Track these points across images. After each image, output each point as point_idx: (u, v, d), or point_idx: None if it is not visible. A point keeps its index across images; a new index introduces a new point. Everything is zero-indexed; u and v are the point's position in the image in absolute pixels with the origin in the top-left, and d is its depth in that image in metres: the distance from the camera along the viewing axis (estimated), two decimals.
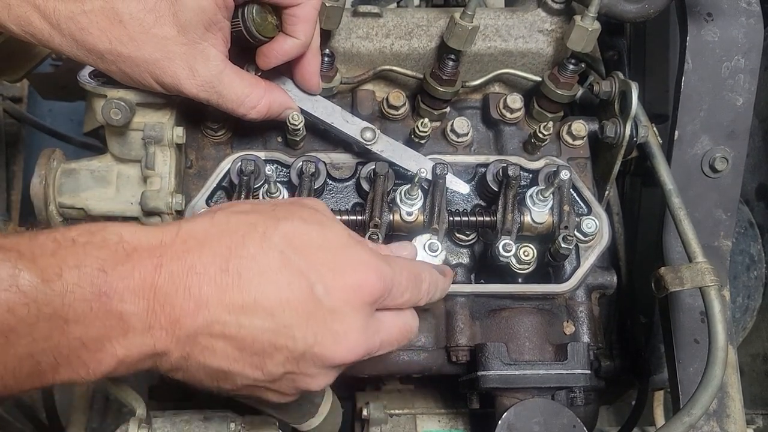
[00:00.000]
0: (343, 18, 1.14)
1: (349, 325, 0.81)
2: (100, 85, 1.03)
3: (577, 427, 1.02)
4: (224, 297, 0.76)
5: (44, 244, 0.74)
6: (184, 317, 0.76)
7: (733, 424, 1.12)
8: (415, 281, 0.89)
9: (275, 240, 0.80)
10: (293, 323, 0.78)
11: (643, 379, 1.28)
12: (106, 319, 0.73)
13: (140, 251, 0.76)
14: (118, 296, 0.73)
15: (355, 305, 0.81)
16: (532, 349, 1.10)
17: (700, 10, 1.16)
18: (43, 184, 1.08)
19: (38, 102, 2.45)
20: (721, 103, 1.17)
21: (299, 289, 0.78)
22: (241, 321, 0.77)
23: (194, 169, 1.15)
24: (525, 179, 1.17)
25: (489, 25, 1.19)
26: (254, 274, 0.77)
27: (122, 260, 0.74)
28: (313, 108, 1.11)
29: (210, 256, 0.77)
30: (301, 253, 0.80)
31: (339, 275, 0.80)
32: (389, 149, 1.11)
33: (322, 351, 0.80)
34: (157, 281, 0.75)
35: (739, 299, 1.47)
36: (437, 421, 1.24)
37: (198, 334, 0.77)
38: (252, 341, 0.78)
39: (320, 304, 0.79)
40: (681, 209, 1.09)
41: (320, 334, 0.79)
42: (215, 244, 0.78)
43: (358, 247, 0.84)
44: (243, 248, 0.78)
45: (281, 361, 0.80)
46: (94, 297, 0.72)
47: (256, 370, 0.81)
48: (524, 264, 1.09)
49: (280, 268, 0.78)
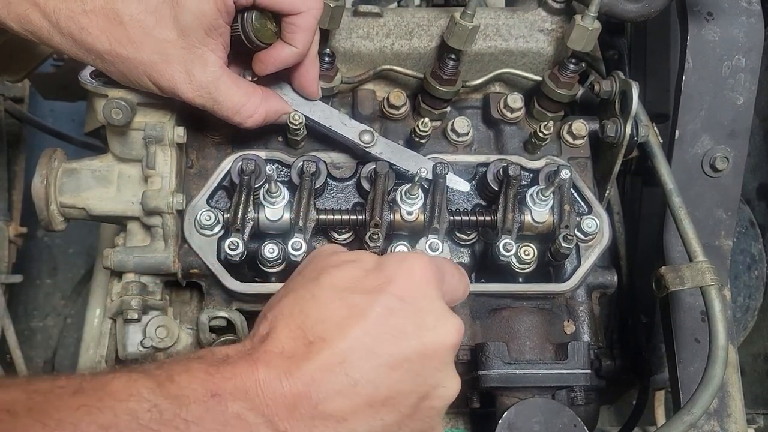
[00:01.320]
0: (344, 18, 1.14)
1: (437, 312, 0.81)
2: (101, 85, 1.04)
3: (577, 426, 1.02)
4: (323, 364, 0.75)
5: (145, 364, 0.74)
6: (298, 400, 0.74)
7: (734, 424, 1.12)
8: (455, 269, 0.91)
9: (329, 296, 0.79)
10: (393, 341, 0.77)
11: (644, 378, 1.28)
12: (225, 421, 0.72)
13: (232, 352, 0.76)
14: (229, 396, 0.72)
15: (428, 294, 0.81)
16: (533, 348, 1.10)
17: (700, 9, 1.16)
18: (45, 184, 1.08)
19: (40, 102, 2.45)
20: (721, 103, 1.17)
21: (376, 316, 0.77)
22: (348, 372, 0.75)
23: (195, 169, 1.15)
24: (525, 179, 1.17)
25: (489, 25, 1.20)
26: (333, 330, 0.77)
27: (221, 363, 0.74)
28: (311, 112, 1.11)
29: (290, 339, 0.77)
30: (354, 290, 0.79)
31: (399, 281, 0.80)
32: (388, 151, 1.11)
33: (433, 345, 0.79)
34: (258, 375, 0.73)
35: (740, 299, 1.47)
36: None
37: (322, 411, 0.74)
38: (372, 380, 0.76)
39: (405, 314, 0.78)
40: (681, 209, 1.09)
41: (422, 335, 0.79)
42: (286, 330, 0.78)
43: (391, 256, 0.86)
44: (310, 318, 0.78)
45: (410, 384, 0.78)
46: (207, 398, 0.71)
47: (393, 409, 0.78)
48: (525, 263, 1.09)
49: (350, 312, 0.78)
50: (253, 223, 1.06)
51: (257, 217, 1.06)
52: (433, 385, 0.80)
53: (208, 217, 1.07)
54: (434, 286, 0.83)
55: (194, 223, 1.08)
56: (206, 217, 1.07)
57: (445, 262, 0.91)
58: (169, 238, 1.08)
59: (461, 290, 0.92)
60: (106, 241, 1.71)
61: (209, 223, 1.07)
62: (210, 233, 1.08)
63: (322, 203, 1.15)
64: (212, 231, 1.08)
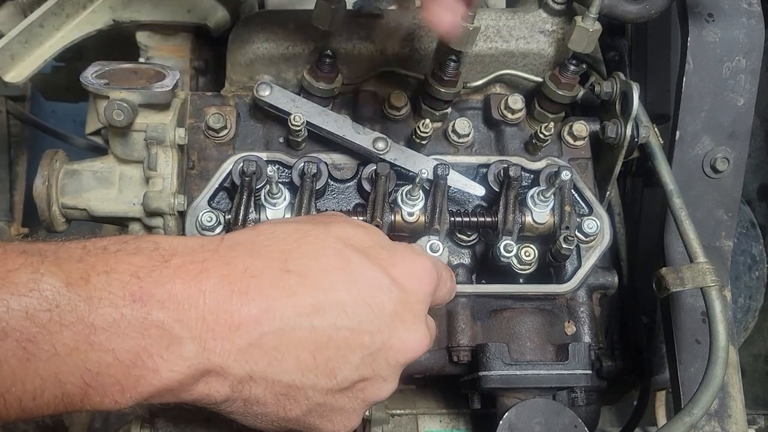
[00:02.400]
0: (345, 19, 1.14)
1: (417, 316, 0.79)
2: (102, 86, 1.04)
3: (578, 427, 1.02)
4: (293, 299, 0.71)
5: (71, 250, 0.67)
6: (246, 324, 0.68)
7: (735, 425, 1.12)
8: (450, 275, 0.90)
9: (330, 241, 0.77)
10: (368, 319, 0.74)
11: (645, 379, 1.28)
12: (143, 329, 0.64)
13: (180, 256, 0.69)
14: (156, 303, 0.65)
15: (419, 295, 0.80)
16: (534, 349, 1.10)
17: (701, 10, 1.16)
18: (46, 185, 1.08)
19: (41, 103, 2.46)
20: (722, 104, 1.17)
21: (366, 285, 0.75)
22: (315, 322, 0.71)
23: (196, 170, 1.15)
24: (526, 180, 1.17)
25: (490, 26, 1.20)
26: (319, 272, 0.73)
27: (159, 265, 0.67)
28: (324, 122, 1.11)
29: (264, 260, 0.72)
30: (357, 251, 0.77)
31: (400, 268, 0.79)
32: (402, 157, 1.12)
33: (398, 344, 0.76)
34: (204, 286, 0.67)
35: (740, 300, 1.47)
36: (439, 421, 1.24)
37: (264, 343, 0.69)
38: (327, 342, 0.72)
39: (390, 297, 0.76)
40: (682, 209, 1.09)
41: (394, 327, 0.76)
42: (266, 250, 0.74)
43: (402, 245, 0.85)
44: (299, 251, 0.74)
45: (357, 363, 0.75)
46: (126, 303, 0.64)
47: (331, 378, 0.74)
48: (525, 264, 1.09)
49: (343, 265, 0.75)
50: (254, 224, 1.06)
51: (258, 218, 1.07)
52: (376, 377, 0.78)
53: (210, 218, 1.07)
54: (428, 290, 0.82)
55: (195, 224, 1.08)
56: (207, 218, 1.07)
57: (443, 268, 0.90)
58: None
59: (447, 297, 0.91)
60: None
61: (210, 224, 1.07)
62: (211, 234, 1.08)
63: (323, 204, 1.15)
64: (213, 232, 1.08)
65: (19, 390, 0.62)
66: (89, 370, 0.64)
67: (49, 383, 0.63)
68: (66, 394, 0.64)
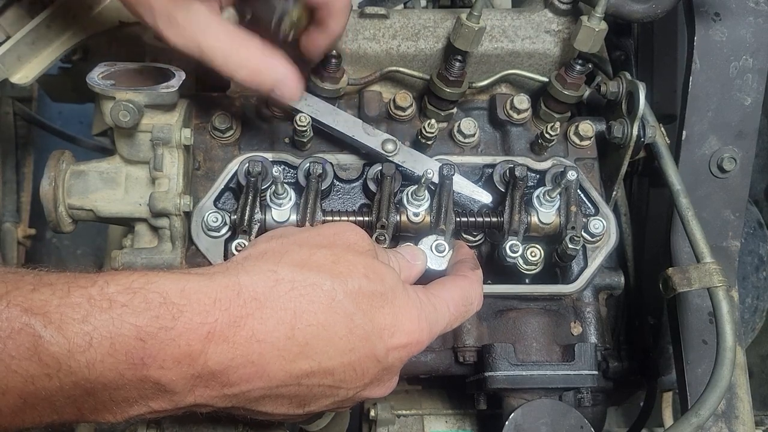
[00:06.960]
0: (350, 19, 1.14)
1: (393, 375, 0.88)
2: (109, 87, 1.04)
3: (584, 428, 1.02)
4: (289, 366, 0.76)
5: (77, 305, 0.67)
6: (239, 383, 0.75)
7: (742, 426, 1.11)
8: (464, 310, 0.94)
9: (342, 304, 0.79)
10: (350, 379, 0.82)
11: (651, 380, 1.27)
12: (141, 385, 0.69)
13: (189, 314, 0.71)
14: (156, 364, 0.69)
15: (403, 361, 0.86)
16: (540, 349, 1.10)
17: (707, 9, 1.16)
18: (53, 186, 1.08)
19: (48, 104, 2.47)
20: (729, 103, 1.17)
21: (362, 353, 0.80)
22: (301, 381, 0.79)
23: (202, 171, 1.16)
24: (532, 180, 1.17)
25: (496, 26, 1.20)
26: (321, 342, 0.78)
27: (166, 326, 0.69)
28: (334, 122, 1.11)
29: (274, 323, 0.75)
30: (366, 315, 0.81)
31: (397, 337, 0.83)
32: (411, 159, 1.12)
33: (366, 395, 0.86)
34: (208, 350, 0.71)
35: (748, 300, 1.46)
36: (444, 421, 1.24)
37: (249, 396, 0.77)
38: (306, 393, 0.81)
39: (378, 364, 0.82)
40: (689, 209, 1.09)
41: (370, 386, 0.85)
42: (279, 307, 0.76)
43: (410, 296, 0.87)
44: (309, 314, 0.77)
45: (326, 405, 0.84)
46: (127, 367, 0.68)
47: (298, 409, 0.84)
48: (531, 265, 1.09)
49: (347, 334, 0.79)
50: (260, 224, 1.06)
51: (264, 219, 1.07)
52: (339, 408, 0.88)
53: (215, 218, 1.07)
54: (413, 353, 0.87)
55: (201, 225, 1.08)
56: (213, 219, 1.07)
57: (475, 294, 0.97)
58: (177, 240, 1.09)
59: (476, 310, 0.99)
60: (114, 243, 1.72)
61: (216, 225, 1.07)
62: (217, 235, 1.09)
63: (329, 205, 1.15)
64: (219, 232, 1.08)
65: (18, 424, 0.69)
66: (85, 407, 0.71)
67: (46, 414, 0.70)
68: (62, 418, 0.71)
